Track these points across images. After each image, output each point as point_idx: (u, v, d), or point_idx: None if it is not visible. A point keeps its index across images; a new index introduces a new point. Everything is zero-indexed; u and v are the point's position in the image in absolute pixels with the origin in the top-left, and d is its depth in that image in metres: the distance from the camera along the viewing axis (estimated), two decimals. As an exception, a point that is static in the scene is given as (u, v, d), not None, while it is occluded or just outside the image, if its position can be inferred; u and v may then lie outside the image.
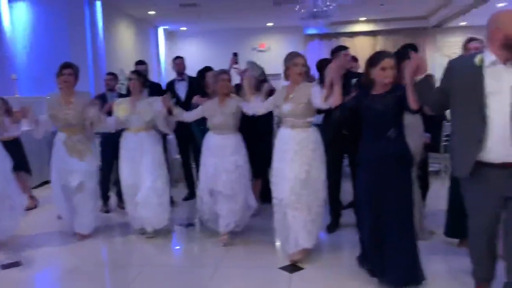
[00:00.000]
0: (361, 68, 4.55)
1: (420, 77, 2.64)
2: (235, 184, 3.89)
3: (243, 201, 4.01)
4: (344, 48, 4.62)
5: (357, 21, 11.64)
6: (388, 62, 2.87)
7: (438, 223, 3.78)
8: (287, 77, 3.59)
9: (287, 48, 11.79)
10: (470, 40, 3.61)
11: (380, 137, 2.89)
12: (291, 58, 3.54)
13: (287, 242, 3.54)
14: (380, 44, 11.66)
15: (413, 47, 4.32)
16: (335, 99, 3.11)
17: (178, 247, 4.15)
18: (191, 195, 5.39)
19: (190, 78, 5.40)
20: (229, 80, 4.05)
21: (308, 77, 3.99)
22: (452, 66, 2.58)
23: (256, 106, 3.80)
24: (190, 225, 4.56)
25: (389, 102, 2.85)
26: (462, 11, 9.25)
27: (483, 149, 2.41)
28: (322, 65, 4.35)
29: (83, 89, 4.69)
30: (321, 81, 3.96)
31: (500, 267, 2.62)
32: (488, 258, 2.63)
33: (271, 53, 11.84)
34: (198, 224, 4.55)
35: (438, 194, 3.94)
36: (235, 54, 4.89)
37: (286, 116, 3.55)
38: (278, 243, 3.82)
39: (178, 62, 5.52)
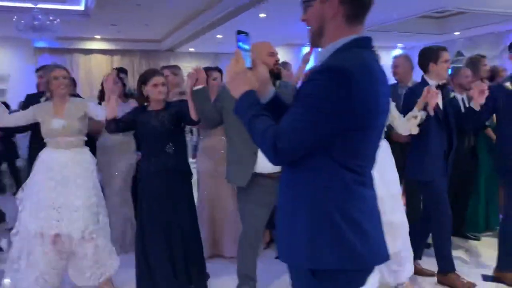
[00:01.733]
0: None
1: (198, 87, 2.83)
2: None
3: None
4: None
5: (93, 39, 11.37)
6: (158, 79, 3.00)
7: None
8: (51, 92, 3.18)
9: (13, 60, 10.73)
10: (162, 68, 4.11)
11: (159, 152, 2.99)
12: (50, 71, 3.17)
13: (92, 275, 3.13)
14: (117, 63, 11.68)
15: (124, 71, 4.57)
16: (109, 112, 3.00)
17: None
18: None
19: None
20: None
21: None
22: (224, 89, 2.84)
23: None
24: None
25: (164, 119, 2.98)
26: (188, 38, 10.22)
27: (257, 162, 2.70)
28: None
29: None
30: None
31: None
32: (254, 259, 2.90)
33: (-9, 64, 10.41)
34: None
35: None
36: None
37: (57, 134, 3.11)
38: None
39: None
